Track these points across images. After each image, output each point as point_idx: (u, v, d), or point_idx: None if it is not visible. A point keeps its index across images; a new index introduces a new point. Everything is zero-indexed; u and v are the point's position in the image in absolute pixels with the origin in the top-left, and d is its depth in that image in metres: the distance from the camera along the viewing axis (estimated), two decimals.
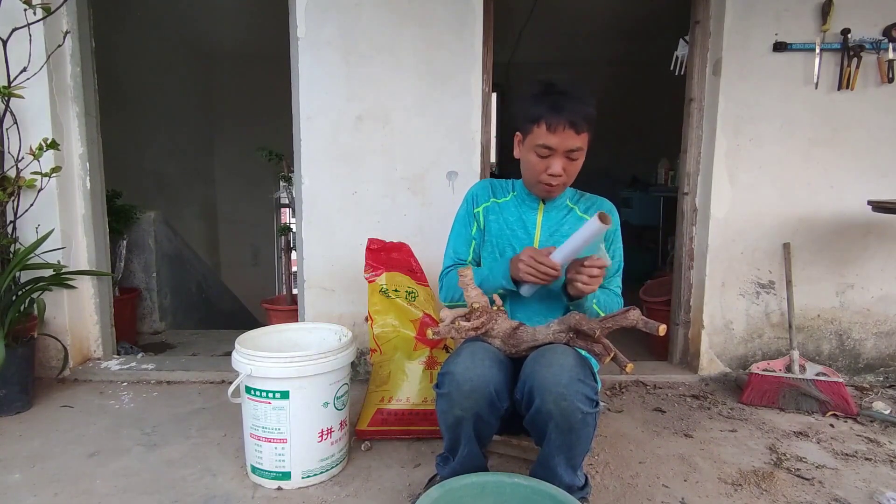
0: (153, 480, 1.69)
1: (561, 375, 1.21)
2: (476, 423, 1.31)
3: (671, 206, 3.77)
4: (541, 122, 1.37)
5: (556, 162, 1.39)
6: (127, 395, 2.37)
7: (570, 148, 1.38)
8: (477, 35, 2.43)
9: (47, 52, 2.34)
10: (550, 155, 1.39)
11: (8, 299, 2.19)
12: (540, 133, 1.38)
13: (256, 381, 1.59)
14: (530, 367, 1.28)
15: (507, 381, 1.32)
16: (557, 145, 1.37)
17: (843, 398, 2.17)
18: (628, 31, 4.98)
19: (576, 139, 1.37)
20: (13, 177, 2.30)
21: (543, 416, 1.24)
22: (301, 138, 2.48)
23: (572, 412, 1.21)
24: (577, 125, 1.35)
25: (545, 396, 1.22)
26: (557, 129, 1.35)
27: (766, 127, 2.45)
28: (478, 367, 1.28)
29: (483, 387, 1.26)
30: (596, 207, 1.56)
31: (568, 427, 1.24)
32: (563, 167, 1.40)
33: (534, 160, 1.42)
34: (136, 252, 3.39)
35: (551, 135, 1.36)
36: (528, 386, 1.26)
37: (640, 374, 2.59)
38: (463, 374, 1.28)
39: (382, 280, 2.10)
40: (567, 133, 1.35)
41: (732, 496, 1.62)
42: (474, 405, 1.27)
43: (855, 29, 2.37)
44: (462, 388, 1.27)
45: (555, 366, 1.23)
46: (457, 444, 1.37)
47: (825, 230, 2.50)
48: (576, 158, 1.41)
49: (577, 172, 1.46)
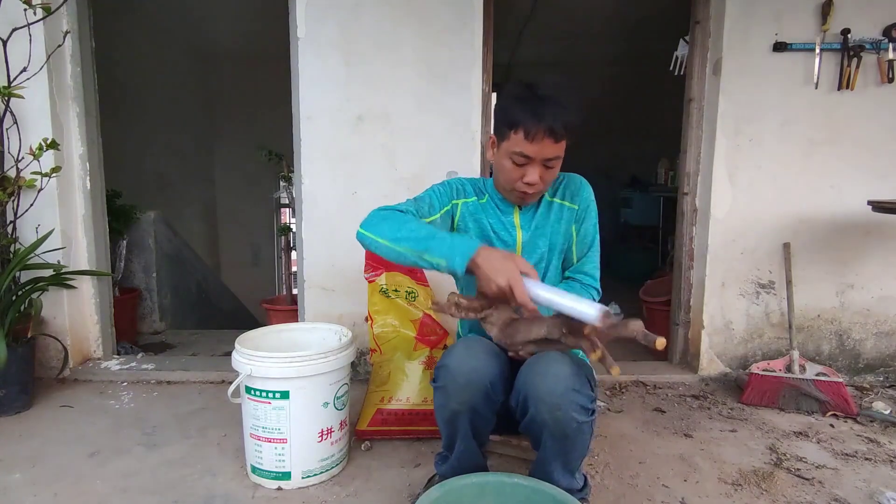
0: (153, 480, 1.69)
1: (555, 385, 1.20)
2: (472, 416, 1.30)
3: (671, 206, 3.78)
4: (518, 128, 1.28)
5: (532, 171, 1.31)
6: (127, 395, 2.37)
7: (548, 157, 1.29)
8: (477, 34, 2.43)
9: (47, 52, 2.34)
10: (527, 163, 1.31)
11: (8, 299, 2.19)
12: (517, 140, 1.29)
13: (256, 381, 1.59)
14: (525, 376, 1.27)
15: (502, 374, 1.31)
16: (535, 154, 1.28)
17: (843, 398, 2.17)
18: (628, 31, 4.98)
19: (554, 148, 1.28)
20: (13, 177, 2.30)
21: (538, 425, 1.24)
22: (301, 138, 2.48)
23: (567, 422, 1.21)
24: (557, 134, 1.26)
25: (539, 406, 1.21)
26: (536, 137, 1.26)
27: (766, 127, 2.45)
28: (472, 359, 1.28)
29: (478, 379, 1.26)
30: (566, 187, 1.47)
31: (563, 435, 1.23)
32: (540, 175, 1.32)
33: (509, 167, 1.34)
34: (136, 252, 3.39)
35: (529, 143, 1.27)
36: (523, 395, 1.25)
37: (640, 374, 2.59)
38: (458, 367, 1.27)
39: (382, 280, 2.10)
40: (545, 142, 1.27)
41: (732, 496, 1.62)
42: (470, 398, 1.27)
43: (855, 29, 2.37)
44: (457, 380, 1.27)
45: (549, 375, 1.22)
46: (454, 440, 1.37)
47: (825, 230, 2.49)
48: (552, 167, 1.33)
49: (553, 179, 1.39)
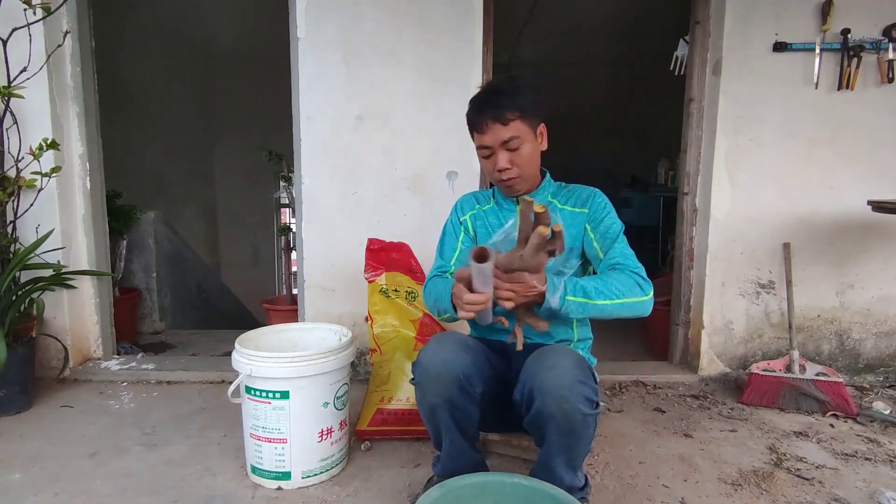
0: (153, 480, 1.69)
1: (563, 377, 1.22)
2: (451, 409, 1.32)
3: (671, 206, 3.77)
4: (472, 126, 1.45)
5: (497, 157, 1.42)
6: (127, 395, 2.37)
7: (503, 140, 1.39)
8: (477, 35, 2.43)
9: (47, 52, 2.34)
10: (491, 153, 1.43)
11: (8, 299, 2.19)
12: (476, 136, 1.44)
13: (256, 381, 1.59)
14: (531, 368, 1.28)
15: (477, 366, 1.33)
16: (491, 142, 1.41)
17: (843, 398, 2.17)
18: (628, 31, 4.98)
19: (504, 130, 1.38)
20: (13, 177, 2.30)
21: (544, 418, 1.24)
22: (301, 138, 2.48)
23: (573, 414, 1.22)
24: (501, 117, 1.37)
25: (546, 398, 1.22)
26: (484, 127, 1.40)
27: (766, 127, 2.45)
28: (443, 352, 1.31)
29: (448, 371, 1.29)
30: (577, 197, 1.53)
31: (569, 428, 1.24)
32: (509, 160, 1.41)
33: (483, 163, 1.48)
34: (136, 252, 3.39)
35: (482, 135, 1.42)
36: (529, 387, 1.26)
37: (640, 374, 2.59)
38: (430, 360, 1.31)
39: (382, 280, 2.10)
40: (494, 127, 1.38)
41: (732, 496, 1.62)
42: (444, 390, 1.30)
43: (855, 29, 2.37)
44: (429, 373, 1.30)
45: (556, 368, 1.24)
46: (439, 435, 1.40)
47: (825, 230, 2.49)
48: (516, 148, 1.40)
49: (528, 162, 1.44)
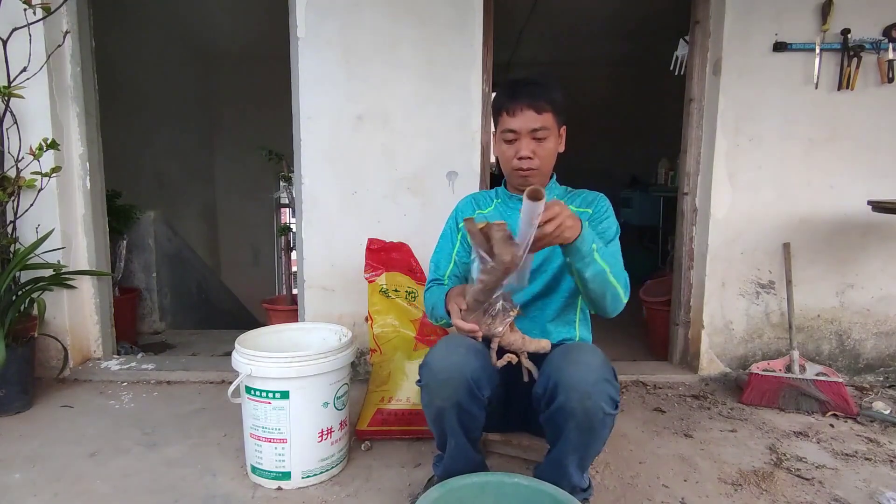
0: (153, 480, 1.69)
1: (588, 374, 1.22)
2: (458, 413, 1.31)
3: (671, 206, 3.78)
4: (502, 109, 1.46)
5: (522, 144, 1.43)
6: (127, 395, 2.37)
7: (533, 128, 1.42)
8: (477, 34, 2.43)
9: (47, 52, 2.34)
10: (516, 139, 1.44)
11: (8, 299, 2.19)
12: (504, 120, 1.46)
13: (256, 382, 1.59)
14: (556, 363, 1.27)
15: (486, 370, 1.32)
16: (520, 127, 1.42)
17: (843, 398, 2.17)
18: (628, 31, 4.98)
19: (537, 119, 1.41)
20: (13, 177, 2.30)
21: (565, 414, 1.24)
22: (301, 138, 2.47)
23: (595, 412, 1.21)
24: (537, 105, 1.41)
25: (570, 394, 1.21)
26: (517, 111, 1.42)
27: (766, 127, 2.45)
28: (452, 355, 1.30)
29: (459, 375, 1.28)
30: (583, 199, 1.53)
31: (588, 426, 1.24)
32: (533, 150, 1.44)
33: (504, 148, 1.48)
34: (136, 252, 3.39)
35: (512, 118, 1.43)
36: (553, 382, 1.25)
37: (640, 374, 2.59)
38: (438, 363, 1.30)
39: (382, 280, 2.10)
40: (527, 114, 1.41)
41: (732, 496, 1.62)
42: (453, 393, 1.29)
43: (855, 29, 2.37)
44: (438, 377, 1.29)
45: (582, 364, 1.23)
46: (444, 437, 1.39)
47: (825, 230, 2.49)
48: (542, 138, 1.43)
49: (549, 156, 1.47)
